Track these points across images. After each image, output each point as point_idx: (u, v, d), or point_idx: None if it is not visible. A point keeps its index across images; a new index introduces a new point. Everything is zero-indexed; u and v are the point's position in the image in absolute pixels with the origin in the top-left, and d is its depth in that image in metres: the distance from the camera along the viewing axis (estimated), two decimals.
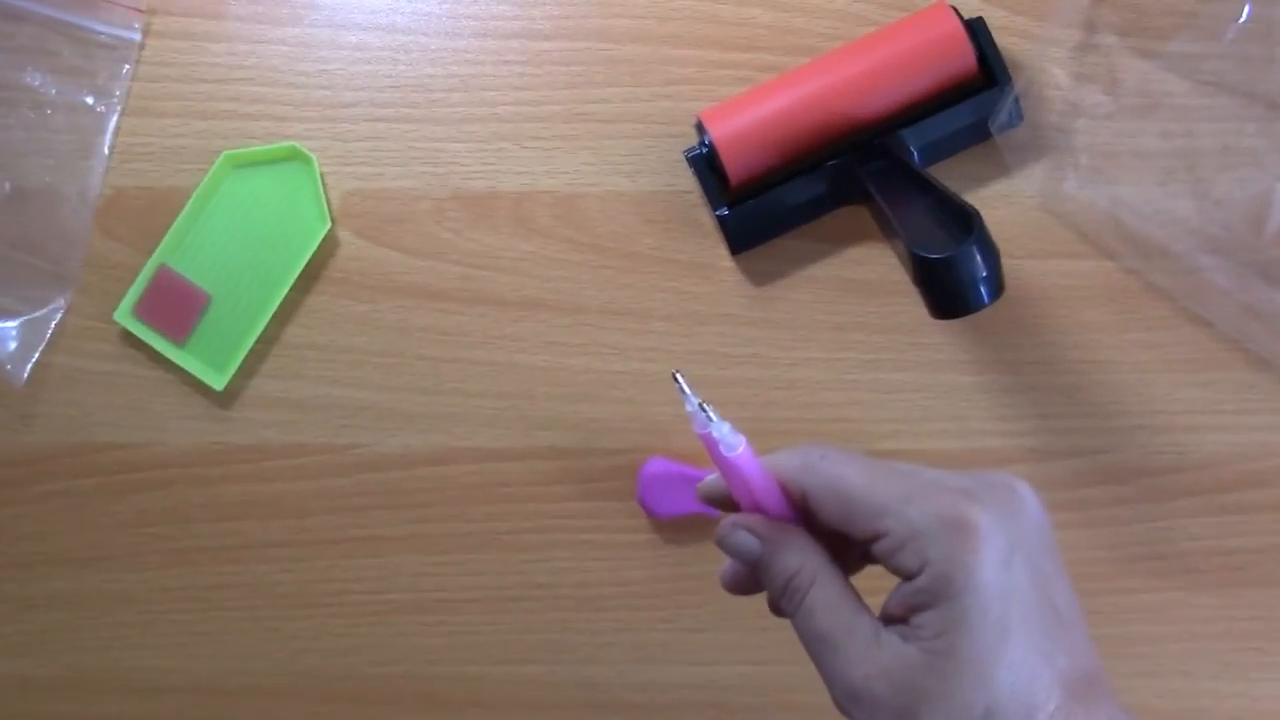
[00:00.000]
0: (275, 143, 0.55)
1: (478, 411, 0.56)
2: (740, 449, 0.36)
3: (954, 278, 0.45)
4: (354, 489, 0.56)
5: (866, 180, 0.51)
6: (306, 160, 0.55)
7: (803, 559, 0.35)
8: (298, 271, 0.55)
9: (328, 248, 0.56)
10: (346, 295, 0.56)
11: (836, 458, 0.35)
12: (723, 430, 0.36)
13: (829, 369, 0.55)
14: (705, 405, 0.36)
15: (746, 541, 0.36)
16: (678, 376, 0.36)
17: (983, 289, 0.46)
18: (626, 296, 0.55)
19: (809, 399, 0.55)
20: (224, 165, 0.55)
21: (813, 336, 0.55)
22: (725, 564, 0.39)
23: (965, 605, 0.31)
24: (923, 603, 0.32)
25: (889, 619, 0.34)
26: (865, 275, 0.55)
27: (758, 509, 0.37)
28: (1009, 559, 0.32)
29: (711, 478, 0.39)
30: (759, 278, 0.55)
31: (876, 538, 0.33)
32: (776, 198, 0.53)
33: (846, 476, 0.35)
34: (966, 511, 0.32)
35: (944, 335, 0.55)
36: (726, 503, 0.38)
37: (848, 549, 0.37)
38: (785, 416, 0.55)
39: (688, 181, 0.55)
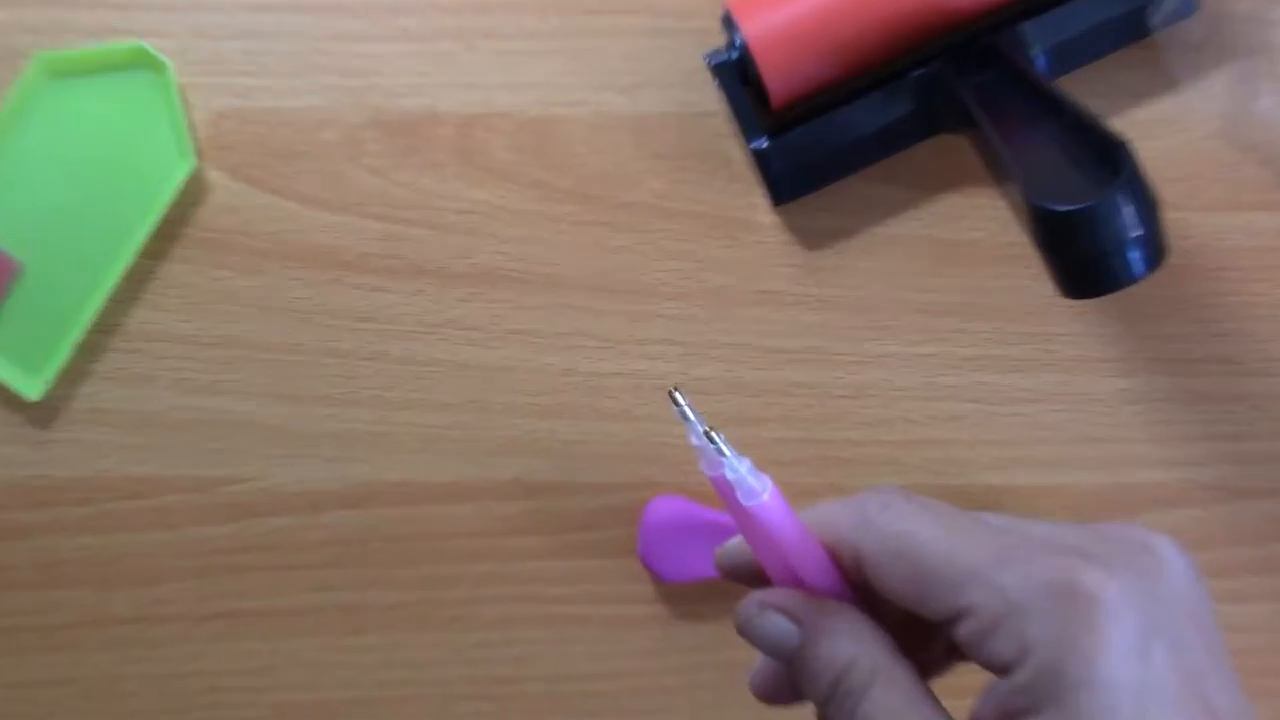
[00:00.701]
0: (112, 41, 0.57)
1: (409, 430, 0.58)
2: (765, 495, 0.37)
3: (1094, 239, 0.46)
4: (230, 542, 0.58)
5: (967, 98, 0.52)
6: (159, 67, 0.57)
7: (856, 649, 0.36)
8: (148, 228, 0.57)
9: (191, 194, 0.57)
10: (219, 263, 0.58)
11: (902, 509, 0.37)
12: (740, 470, 0.37)
13: (914, 369, 0.57)
14: (714, 434, 0.37)
15: (779, 627, 0.38)
16: (677, 396, 0.38)
17: (1135, 255, 0.47)
18: (623, 266, 0.57)
19: (885, 412, 0.57)
20: (38, 73, 0.57)
21: (891, 323, 0.57)
22: (756, 661, 0.40)
23: (1084, 708, 0.32)
24: (1025, 706, 0.33)
25: None
26: (965, 235, 0.57)
27: (794, 581, 0.38)
28: (1145, 644, 0.33)
29: (732, 541, 0.40)
30: (814, 239, 0.57)
31: (959, 617, 0.34)
32: (837, 124, 0.55)
33: (916, 533, 0.36)
34: (1083, 578, 0.33)
35: (1079, 322, 0.57)
36: (754, 574, 0.40)
37: (925, 639, 0.38)
38: (851, 438, 0.57)
39: (711, 100, 0.57)
